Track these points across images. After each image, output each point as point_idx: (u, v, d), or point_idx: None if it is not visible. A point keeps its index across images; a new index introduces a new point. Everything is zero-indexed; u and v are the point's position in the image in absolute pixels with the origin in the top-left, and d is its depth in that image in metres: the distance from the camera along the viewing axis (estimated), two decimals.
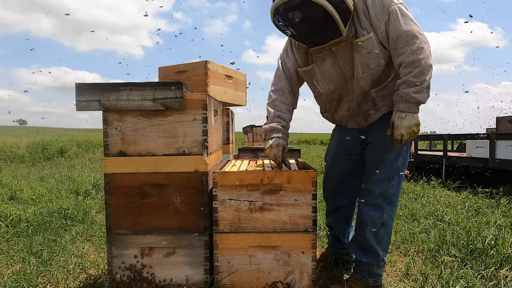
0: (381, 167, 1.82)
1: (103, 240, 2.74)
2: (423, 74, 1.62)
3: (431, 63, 1.64)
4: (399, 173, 1.84)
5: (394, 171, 1.83)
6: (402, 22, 1.62)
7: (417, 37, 1.62)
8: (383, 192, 1.82)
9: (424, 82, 1.63)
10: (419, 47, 1.61)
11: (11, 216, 3.05)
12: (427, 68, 1.62)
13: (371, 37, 1.67)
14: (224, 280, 1.74)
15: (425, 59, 1.61)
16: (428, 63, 1.62)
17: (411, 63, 1.62)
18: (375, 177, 1.84)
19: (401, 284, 2.00)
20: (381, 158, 1.83)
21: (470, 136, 5.41)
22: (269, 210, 1.74)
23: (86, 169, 6.72)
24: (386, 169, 1.82)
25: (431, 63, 1.64)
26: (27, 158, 9.69)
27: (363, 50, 1.69)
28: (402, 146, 1.81)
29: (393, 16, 1.63)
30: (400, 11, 1.63)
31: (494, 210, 3.61)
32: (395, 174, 1.83)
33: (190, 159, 1.74)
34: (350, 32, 1.68)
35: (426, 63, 1.62)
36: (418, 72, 1.62)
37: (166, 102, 1.70)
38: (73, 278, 2.03)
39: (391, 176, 1.82)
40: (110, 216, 1.76)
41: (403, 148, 1.83)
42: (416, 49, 1.61)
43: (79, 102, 1.71)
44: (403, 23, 1.62)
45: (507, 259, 2.19)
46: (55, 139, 14.36)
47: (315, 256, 1.74)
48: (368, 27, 1.67)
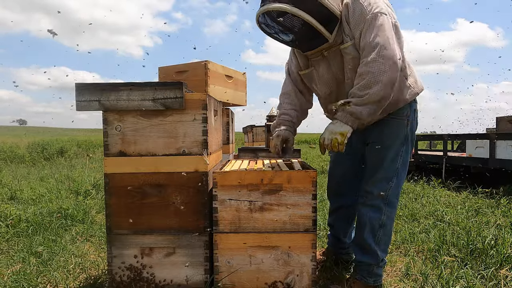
0: (379, 168, 1.82)
1: (103, 240, 2.74)
2: (368, 87, 1.57)
3: (382, 79, 1.54)
4: (399, 174, 1.83)
5: (392, 172, 1.81)
6: (372, 33, 1.59)
7: (378, 50, 1.55)
8: (382, 193, 1.82)
9: (366, 95, 1.57)
10: (374, 60, 1.56)
11: (11, 216, 3.05)
12: (375, 83, 1.55)
13: (353, 43, 1.67)
14: (224, 280, 1.74)
15: (376, 74, 1.55)
16: (378, 78, 1.55)
17: (361, 74, 1.60)
18: (373, 178, 1.84)
19: (401, 284, 2.00)
20: (380, 158, 1.83)
21: (470, 136, 5.41)
22: (269, 210, 1.74)
23: (86, 169, 6.72)
24: (384, 170, 1.81)
25: (383, 79, 1.54)
26: (27, 158, 9.69)
27: (348, 56, 1.70)
28: (401, 147, 1.81)
29: (366, 26, 1.60)
30: (374, 20, 1.59)
31: (494, 210, 3.61)
32: (393, 175, 1.82)
33: (190, 159, 1.74)
34: (338, 37, 1.69)
35: (375, 78, 1.55)
36: (363, 85, 1.58)
37: (166, 102, 1.70)
38: (73, 278, 2.03)
39: (389, 177, 1.81)
40: (110, 216, 1.76)
41: (402, 149, 1.82)
42: (370, 61, 1.57)
43: (79, 102, 1.71)
44: (372, 34, 1.58)
45: (507, 259, 2.19)
46: (55, 139, 14.36)
47: (315, 256, 1.74)
48: (350, 34, 1.67)
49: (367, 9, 1.61)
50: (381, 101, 1.59)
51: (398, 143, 1.81)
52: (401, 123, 1.81)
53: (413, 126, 1.85)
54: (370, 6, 1.61)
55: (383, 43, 1.55)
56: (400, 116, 1.80)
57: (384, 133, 1.82)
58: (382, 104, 1.61)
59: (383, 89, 1.56)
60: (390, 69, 1.55)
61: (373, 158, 1.87)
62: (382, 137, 1.82)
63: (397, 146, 1.81)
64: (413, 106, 1.84)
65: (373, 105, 1.59)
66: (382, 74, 1.55)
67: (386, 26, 1.58)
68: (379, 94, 1.57)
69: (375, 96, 1.57)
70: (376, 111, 1.62)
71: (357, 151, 1.98)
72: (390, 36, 1.58)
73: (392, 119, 1.80)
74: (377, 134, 1.84)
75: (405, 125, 1.81)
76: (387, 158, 1.81)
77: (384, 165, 1.81)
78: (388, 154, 1.81)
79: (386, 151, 1.81)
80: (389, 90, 1.58)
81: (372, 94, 1.57)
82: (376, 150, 1.85)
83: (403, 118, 1.81)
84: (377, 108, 1.61)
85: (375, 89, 1.56)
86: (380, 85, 1.55)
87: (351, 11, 1.63)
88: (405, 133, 1.82)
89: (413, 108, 1.83)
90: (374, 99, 1.58)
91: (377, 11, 1.60)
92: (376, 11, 1.60)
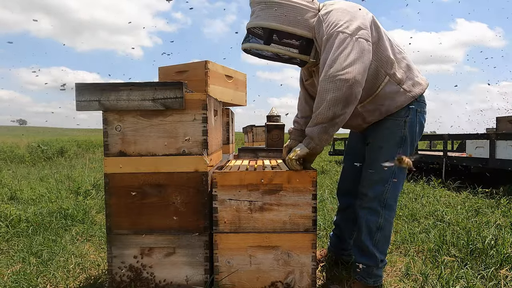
0: (375, 169, 1.80)
1: (103, 240, 2.74)
2: (317, 108, 1.60)
3: (327, 98, 1.55)
4: (396, 176, 1.79)
5: (389, 174, 1.78)
6: (323, 53, 1.62)
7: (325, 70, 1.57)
8: (378, 196, 1.79)
9: (315, 115, 1.61)
10: (321, 80, 1.58)
11: (11, 216, 3.05)
12: (321, 102, 1.57)
13: None
14: (224, 280, 1.74)
15: (321, 93, 1.57)
16: (324, 97, 1.56)
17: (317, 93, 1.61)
18: (369, 180, 1.82)
19: (401, 284, 2.00)
20: (374, 160, 1.80)
21: (470, 136, 5.41)
22: (269, 210, 1.74)
23: (86, 169, 6.72)
24: (379, 172, 1.78)
25: (328, 97, 1.54)
26: (27, 158, 9.69)
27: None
28: (397, 149, 1.77)
29: (323, 47, 1.64)
30: (327, 41, 1.60)
31: (494, 210, 3.61)
32: (390, 177, 1.78)
33: (190, 159, 1.74)
34: (317, 55, 1.75)
35: (321, 97, 1.57)
36: (316, 104, 1.61)
37: (166, 102, 1.70)
38: (73, 278, 2.03)
39: (385, 179, 1.78)
40: (110, 216, 1.76)
41: (398, 151, 1.78)
42: (321, 80, 1.59)
43: (79, 102, 1.71)
44: (323, 54, 1.62)
45: (507, 259, 2.19)
46: (55, 139, 14.35)
47: (315, 256, 1.75)
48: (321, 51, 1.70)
49: (325, 30, 1.63)
50: (333, 119, 1.58)
51: (393, 144, 1.78)
52: (398, 124, 1.77)
53: (413, 126, 1.79)
54: (328, 27, 1.62)
55: (329, 62, 1.57)
56: (396, 117, 1.78)
57: (379, 133, 1.81)
58: (336, 122, 1.60)
59: (331, 107, 1.56)
60: (335, 87, 1.54)
61: (369, 159, 1.86)
62: (377, 138, 1.82)
63: (392, 147, 1.77)
64: (415, 106, 1.79)
65: (324, 123, 1.60)
66: (326, 93, 1.56)
67: (337, 45, 1.57)
68: (327, 113, 1.57)
69: (323, 115, 1.58)
70: (327, 129, 1.61)
71: (357, 150, 1.98)
72: (340, 55, 1.55)
73: (388, 120, 1.79)
74: (374, 134, 1.84)
75: (402, 126, 1.77)
76: (381, 159, 1.76)
77: (379, 167, 1.76)
78: (383, 155, 1.77)
79: (381, 152, 1.79)
80: (339, 108, 1.56)
81: (319, 114, 1.60)
82: (372, 151, 1.84)
83: (399, 119, 1.77)
84: (329, 126, 1.61)
85: (321, 108, 1.58)
86: (325, 104, 1.56)
87: (320, 30, 1.67)
88: (401, 134, 1.77)
89: (414, 109, 1.78)
90: (322, 118, 1.59)
91: (333, 30, 1.60)
92: (332, 31, 1.60)
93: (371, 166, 1.83)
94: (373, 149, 1.84)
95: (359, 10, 1.67)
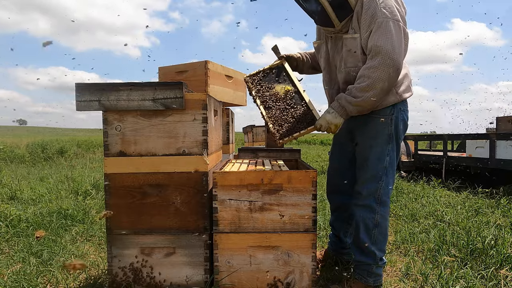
0: (367, 168, 1.85)
1: (103, 240, 2.74)
2: (365, 91, 1.66)
3: (381, 86, 1.64)
4: (387, 173, 1.83)
5: (381, 171, 1.82)
6: (379, 37, 1.64)
7: (382, 57, 1.62)
8: (373, 193, 1.83)
9: (361, 98, 1.67)
10: (376, 66, 1.63)
11: (11, 216, 3.05)
12: (372, 89, 1.64)
13: (355, 38, 1.74)
14: (224, 280, 1.74)
15: (375, 80, 1.63)
16: (376, 85, 1.64)
17: (362, 75, 1.67)
18: (362, 178, 1.87)
19: (401, 284, 2.00)
20: (366, 158, 1.85)
21: (470, 136, 5.41)
22: (269, 210, 1.74)
23: (86, 169, 6.72)
24: (371, 170, 1.83)
25: (380, 86, 1.64)
26: (27, 158, 9.69)
27: (346, 48, 1.79)
28: (387, 146, 1.82)
29: (376, 28, 1.65)
30: (384, 26, 1.64)
31: (494, 210, 3.61)
32: (382, 174, 1.83)
33: (190, 159, 1.74)
34: (344, 27, 1.78)
35: (373, 85, 1.64)
36: (362, 87, 1.66)
37: (166, 102, 1.70)
38: (73, 278, 2.03)
39: (378, 177, 1.83)
40: (110, 216, 1.76)
41: (388, 148, 1.83)
42: (372, 66, 1.64)
43: (79, 102, 1.71)
44: (379, 38, 1.63)
45: (507, 259, 2.19)
46: (55, 139, 14.35)
47: (315, 256, 1.75)
48: (356, 28, 1.74)
49: (380, 11, 1.64)
50: (372, 104, 1.71)
51: (382, 142, 1.83)
52: (384, 122, 1.82)
53: (398, 124, 1.85)
54: (384, 9, 1.64)
55: (388, 51, 1.61)
56: (382, 114, 1.82)
57: (367, 133, 1.85)
58: (371, 107, 1.74)
59: (377, 95, 1.67)
60: (388, 78, 1.63)
61: (360, 158, 1.90)
62: (365, 137, 1.86)
63: (382, 144, 1.83)
64: (399, 105, 1.84)
65: (364, 107, 1.72)
66: (380, 82, 1.63)
67: (395, 34, 1.63)
68: (372, 99, 1.67)
69: (369, 101, 1.67)
70: (363, 111, 1.76)
71: (343, 147, 2.03)
72: (397, 45, 1.63)
73: (375, 118, 1.82)
74: (361, 134, 1.88)
75: (389, 124, 1.82)
76: (372, 157, 1.83)
77: (370, 165, 1.83)
78: (373, 153, 1.83)
79: (371, 151, 1.83)
80: (381, 97, 1.70)
81: (366, 98, 1.66)
82: (362, 151, 1.88)
83: (385, 117, 1.82)
84: (365, 109, 1.74)
85: (370, 94, 1.66)
86: (375, 92, 1.66)
87: (365, 9, 1.69)
88: (388, 132, 1.82)
89: (398, 107, 1.84)
90: (367, 103, 1.68)
91: (390, 16, 1.64)
92: (390, 16, 1.64)
93: (362, 165, 1.87)
94: (363, 149, 1.88)
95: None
